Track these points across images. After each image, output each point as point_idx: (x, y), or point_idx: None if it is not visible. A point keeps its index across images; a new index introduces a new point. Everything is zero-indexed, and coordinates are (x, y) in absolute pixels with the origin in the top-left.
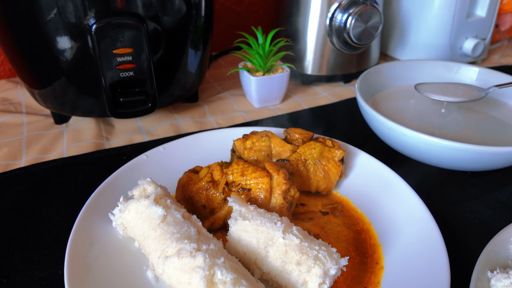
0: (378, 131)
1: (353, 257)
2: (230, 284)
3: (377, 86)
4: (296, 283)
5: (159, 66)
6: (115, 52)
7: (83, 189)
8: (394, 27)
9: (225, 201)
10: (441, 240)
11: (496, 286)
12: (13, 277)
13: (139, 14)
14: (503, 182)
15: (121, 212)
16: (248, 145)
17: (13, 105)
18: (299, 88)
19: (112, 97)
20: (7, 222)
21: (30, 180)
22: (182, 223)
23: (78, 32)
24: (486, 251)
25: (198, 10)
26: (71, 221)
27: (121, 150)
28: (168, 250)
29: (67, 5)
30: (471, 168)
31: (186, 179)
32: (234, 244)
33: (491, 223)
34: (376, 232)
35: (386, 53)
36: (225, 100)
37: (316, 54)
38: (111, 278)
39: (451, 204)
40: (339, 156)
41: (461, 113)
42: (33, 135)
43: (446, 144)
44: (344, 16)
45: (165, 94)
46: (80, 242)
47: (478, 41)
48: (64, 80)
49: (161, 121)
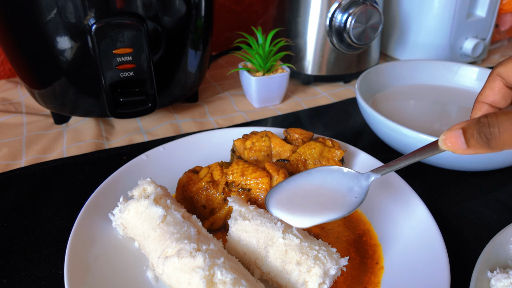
0: (378, 131)
1: (353, 257)
2: (230, 284)
3: (377, 86)
4: (296, 283)
5: (159, 66)
6: (115, 52)
7: (83, 189)
8: (394, 27)
9: (225, 201)
10: (441, 240)
11: (496, 286)
12: (13, 277)
13: (139, 14)
14: (503, 182)
15: (121, 212)
16: (248, 145)
17: (13, 105)
18: (299, 88)
19: (112, 97)
20: (7, 222)
21: (30, 180)
22: (182, 223)
23: (78, 32)
24: (486, 251)
25: (198, 10)
26: (71, 221)
27: (121, 150)
28: (168, 250)
29: (67, 5)
30: (471, 168)
31: (186, 179)
32: (234, 244)
33: (491, 223)
34: (376, 232)
35: (386, 53)
36: (225, 100)
37: (316, 54)
38: (111, 278)
39: (451, 204)
40: (339, 156)
41: (461, 113)
42: (33, 135)
43: None
44: (344, 16)
45: (165, 94)
46: (80, 242)
47: (478, 41)
48: (64, 80)
49: (161, 121)
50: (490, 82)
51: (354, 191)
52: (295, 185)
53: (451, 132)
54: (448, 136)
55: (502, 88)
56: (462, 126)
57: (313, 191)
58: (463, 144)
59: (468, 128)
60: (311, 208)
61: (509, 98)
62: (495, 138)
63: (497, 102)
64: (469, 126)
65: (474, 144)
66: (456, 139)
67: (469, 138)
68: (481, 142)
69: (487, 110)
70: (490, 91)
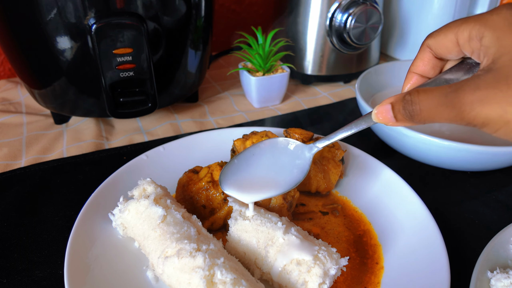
0: (378, 131)
1: (353, 257)
2: (230, 284)
3: (377, 86)
4: (296, 283)
5: (159, 66)
6: (115, 52)
7: (83, 189)
8: (394, 27)
9: (225, 201)
10: (441, 240)
11: (496, 286)
12: (13, 277)
13: (139, 14)
14: (503, 182)
15: (121, 212)
16: (248, 145)
17: (13, 105)
18: (299, 88)
19: (112, 97)
20: (7, 222)
21: (30, 180)
22: (182, 223)
23: (78, 32)
24: (486, 251)
25: (198, 10)
26: (71, 221)
27: (121, 150)
28: (168, 250)
29: (67, 5)
30: (471, 168)
31: (186, 179)
32: (234, 244)
33: (491, 223)
34: (376, 232)
35: (386, 53)
36: (225, 100)
37: (316, 54)
38: (111, 278)
39: (451, 204)
40: (339, 156)
41: None
42: (33, 135)
43: (446, 144)
44: (344, 16)
45: (165, 94)
46: (80, 242)
47: None
48: (64, 80)
49: (161, 121)
50: (421, 53)
51: (297, 164)
52: (245, 161)
53: (382, 107)
54: (379, 110)
55: (431, 59)
56: (391, 102)
57: (262, 166)
58: (392, 118)
59: (395, 104)
60: (259, 183)
61: (437, 68)
62: (417, 115)
63: (426, 72)
64: (396, 102)
65: (401, 118)
66: (386, 113)
67: (396, 113)
68: (406, 117)
69: (417, 80)
70: (421, 62)
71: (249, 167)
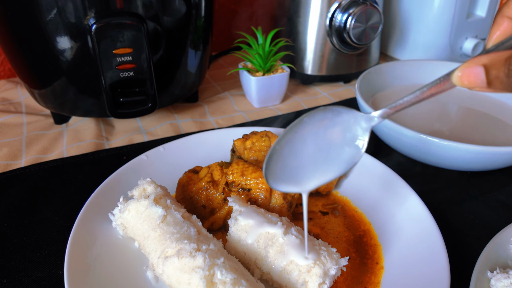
0: (378, 131)
1: (353, 257)
2: (230, 284)
3: (377, 86)
4: (296, 283)
5: (159, 66)
6: (115, 52)
7: (83, 189)
8: (394, 27)
9: (225, 201)
10: (441, 240)
11: (496, 286)
12: (13, 277)
13: (139, 14)
14: (503, 182)
15: (121, 212)
16: (248, 145)
17: (13, 105)
18: (299, 88)
19: (112, 97)
20: (7, 222)
21: (30, 180)
22: (182, 223)
23: (78, 32)
24: (486, 251)
25: (198, 10)
26: (71, 221)
27: (121, 150)
28: (168, 250)
29: (67, 5)
30: (471, 168)
31: (186, 179)
32: (234, 244)
33: (491, 223)
34: (376, 232)
35: (386, 53)
36: (225, 100)
37: (316, 54)
38: (111, 278)
39: (451, 204)
40: None
41: (461, 113)
42: (33, 135)
43: (446, 144)
44: (344, 16)
45: (165, 94)
46: (80, 242)
47: (478, 41)
48: (64, 80)
49: (161, 121)
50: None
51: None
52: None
53: (469, 69)
54: (465, 73)
55: None
56: (484, 64)
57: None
58: (483, 83)
59: (492, 68)
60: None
61: None
62: None
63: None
64: (493, 66)
65: (498, 86)
66: (476, 78)
67: (493, 79)
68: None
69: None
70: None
71: (294, 152)
